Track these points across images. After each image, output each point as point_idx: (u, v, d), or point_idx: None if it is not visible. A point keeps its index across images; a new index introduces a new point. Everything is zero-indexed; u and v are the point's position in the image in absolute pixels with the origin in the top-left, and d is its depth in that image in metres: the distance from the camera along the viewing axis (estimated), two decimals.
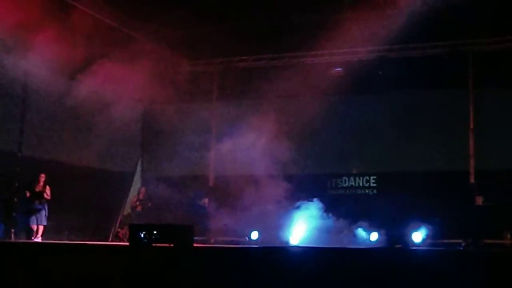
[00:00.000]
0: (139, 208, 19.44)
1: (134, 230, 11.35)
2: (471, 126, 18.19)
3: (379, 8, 16.76)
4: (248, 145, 18.30)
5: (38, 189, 16.89)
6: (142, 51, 19.09)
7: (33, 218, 16.72)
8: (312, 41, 18.15)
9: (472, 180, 18.07)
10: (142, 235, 11.13)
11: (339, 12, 17.43)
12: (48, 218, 16.97)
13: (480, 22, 16.88)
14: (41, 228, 16.79)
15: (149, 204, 19.42)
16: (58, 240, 16.97)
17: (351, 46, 18.42)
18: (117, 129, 19.76)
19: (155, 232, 11.09)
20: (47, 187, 16.97)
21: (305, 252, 10.87)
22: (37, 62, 16.87)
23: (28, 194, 16.76)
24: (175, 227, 11.41)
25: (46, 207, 16.93)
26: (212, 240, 18.33)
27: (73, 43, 16.18)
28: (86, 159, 18.81)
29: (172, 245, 11.16)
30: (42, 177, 16.96)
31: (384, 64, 18.57)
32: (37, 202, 16.82)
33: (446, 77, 18.02)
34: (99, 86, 18.52)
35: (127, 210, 20.44)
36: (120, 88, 18.80)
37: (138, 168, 21.00)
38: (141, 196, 19.72)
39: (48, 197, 16.94)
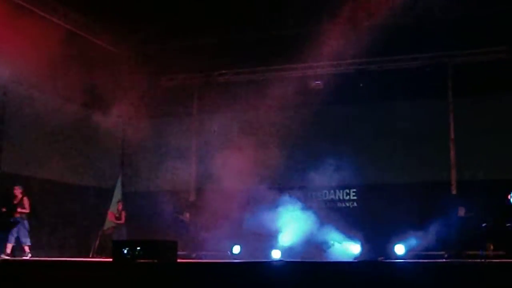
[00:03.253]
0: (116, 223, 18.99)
1: (117, 246, 11.21)
2: (452, 137, 18.30)
3: (358, 21, 16.84)
4: (228, 159, 18.23)
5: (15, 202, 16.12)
6: (120, 66, 19.08)
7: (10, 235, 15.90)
8: (292, 54, 18.22)
9: (454, 191, 18.15)
10: (125, 251, 10.99)
11: (318, 26, 17.52)
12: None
13: (459, 34, 17.08)
14: (26, 248, 16.11)
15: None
16: (38, 257, 16.73)
17: (331, 59, 18.48)
18: (96, 145, 19.66)
19: (138, 248, 10.96)
20: (25, 199, 16.18)
21: (287, 267, 10.82)
22: (15, 77, 16.76)
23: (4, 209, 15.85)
24: (158, 243, 11.28)
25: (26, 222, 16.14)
26: (194, 255, 18.18)
27: (51, 58, 16.08)
28: (66, 175, 18.63)
29: (155, 261, 11.04)
30: (17, 190, 16.20)
31: (365, 77, 18.65)
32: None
33: (426, 88, 18.09)
34: (77, 101, 18.45)
35: (107, 225, 20.22)
36: (99, 103, 18.75)
37: (119, 183, 20.80)
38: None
39: (27, 210, 16.12)
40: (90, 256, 18.96)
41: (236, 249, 17.92)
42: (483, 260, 11.64)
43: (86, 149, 19.35)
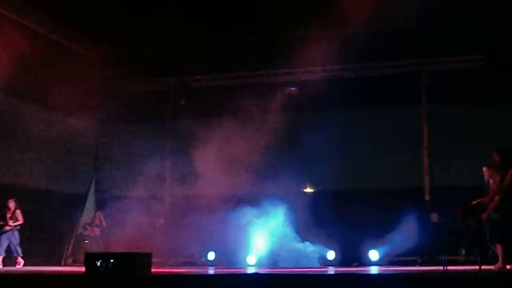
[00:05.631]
0: (92, 233, 19.06)
1: (90, 258, 11.08)
2: (425, 144, 18.46)
3: (333, 28, 16.86)
4: (203, 165, 18.17)
5: None
6: (94, 70, 18.85)
7: None
8: (266, 60, 18.21)
9: (427, 197, 18.30)
10: (98, 264, 10.86)
11: (294, 32, 17.52)
12: None
13: (434, 42, 17.20)
14: None
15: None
16: (8, 266, 16.45)
17: (306, 66, 18.49)
18: (69, 149, 19.45)
19: (111, 260, 10.83)
20: None
21: (262, 278, 10.83)
22: None
23: None
24: (132, 255, 11.15)
25: None
26: (169, 261, 18.09)
27: (20, 61, 15.80)
28: (37, 180, 18.36)
29: (129, 273, 10.92)
30: None
31: (339, 83, 18.68)
32: None
33: (400, 95, 18.21)
34: (50, 106, 18.21)
35: (79, 230, 20.12)
36: (72, 107, 18.51)
37: (92, 189, 20.62)
38: (96, 221, 19.37)
39: None
40: (62, 264, 18.79)
41: (211, 256, 17.89)
42: (444, 268, 11.78)
43: (59, 154, 19.11)
